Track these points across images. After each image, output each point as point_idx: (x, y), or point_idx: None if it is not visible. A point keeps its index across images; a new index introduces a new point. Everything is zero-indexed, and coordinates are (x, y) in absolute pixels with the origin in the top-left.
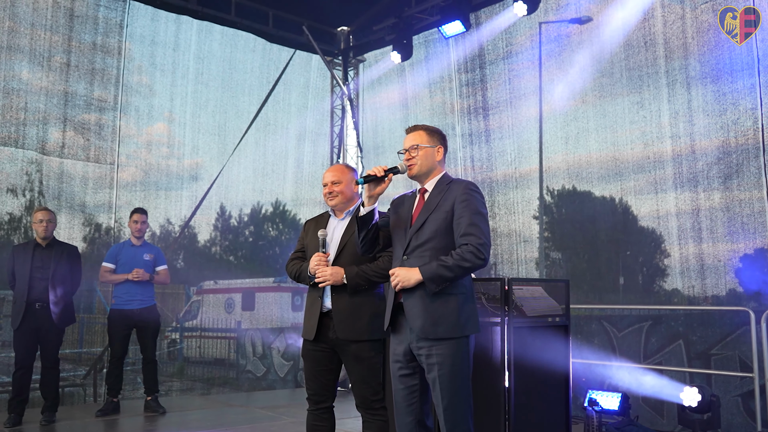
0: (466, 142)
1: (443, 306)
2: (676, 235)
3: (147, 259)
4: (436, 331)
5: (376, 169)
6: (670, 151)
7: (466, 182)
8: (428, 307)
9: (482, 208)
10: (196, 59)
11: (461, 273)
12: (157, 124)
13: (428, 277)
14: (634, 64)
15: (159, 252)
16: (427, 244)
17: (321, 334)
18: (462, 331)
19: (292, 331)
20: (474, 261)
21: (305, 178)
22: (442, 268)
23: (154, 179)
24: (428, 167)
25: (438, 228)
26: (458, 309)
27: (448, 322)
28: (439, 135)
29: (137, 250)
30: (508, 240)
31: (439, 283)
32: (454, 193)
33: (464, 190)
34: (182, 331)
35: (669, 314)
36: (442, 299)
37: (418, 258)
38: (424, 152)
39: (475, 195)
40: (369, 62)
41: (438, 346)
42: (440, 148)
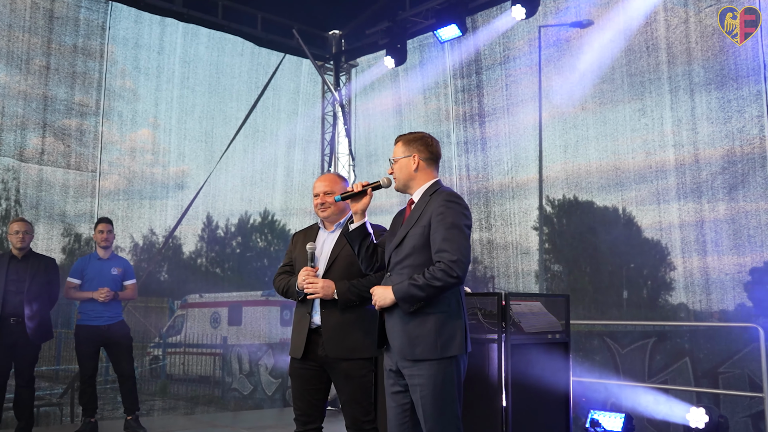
0: (462, 150)
1: (420, 326)
2: (680, 248)
3: (114, 273)
4: (414, 352)
5: (355, 185)
6: (673, 161)
7: (445, 193)
8: (406, 326)
9: (460, 219)
10: (182, 63)
11: (433, 292)
12: (141, 130)
13: (400, 297)
14: (636, 70)
15: (127, 265)
16: (406, 260)
17: (309, 351)
18: (442, 353)
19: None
20: (445, 280)
21: (295, 187)
22: (413, 288)
23: (137, 188)
24: (405, 179)
25: (416, 244)
26: (437, 329)
27: (426, 343)
28: (417, 142)
29: (104, 264)
30: (504, 252)
31: (411, 302)
32: (432, 206)
33: (441, 202)
34: (165, 347)
35: (674, 330)
36: (419, 319)
37: (398, 275)
38: (399, 164)
39: (452, 206)
40: (361, 67)
41: (418, 368)
42: (416, 156)
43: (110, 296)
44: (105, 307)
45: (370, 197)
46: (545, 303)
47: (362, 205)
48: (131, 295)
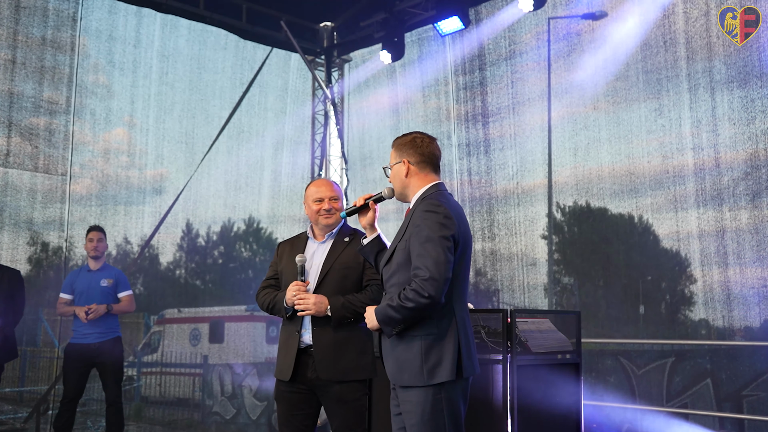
0: (463, 152)
1: (406, 350)
2: (699, 260)
3: (104, 285)
4: (402, 378)
5: (358, 199)
6: (691, 165)
7: (426, 201)
8: (395, 350)
9: (435, 231)
10: (160, 57)
11: (408, 314)
12: (115, 129)
13: (380, 320)
14: (653, 66)
15: (120, 275)
16: (393, 278)
17: (298, 373)
18: (429, 379)
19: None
20: (417, 300)
21: (283, 193)
22: (389, 309)
23: (111, 192)
24: (399, 187)
25: (401, 260)
26: (422, 354)
27: (412, 369)
28: (406, 145)
29: (93, 276)
30: (509, 264)
31: (392, 325)
32: (413, 217)
33: (419, 212)
34: (140, 367)
35: (695, 349)
36: (405, 342)
37: (389, 294)
38: (392, 172)
39: (430, 217)
40: (355, 62)
41: (406, 394)
42: (405, 161)
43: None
44: (95, 323)
45: (374, 211)
46: (554, 320)
47: (368, 219)
48: (127, 308)
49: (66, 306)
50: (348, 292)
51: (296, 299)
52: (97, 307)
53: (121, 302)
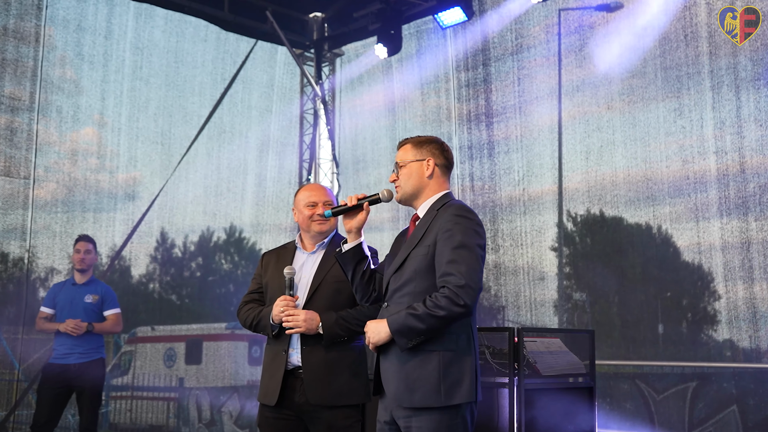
0: (465, 156)
1: (421, 366)
2: (722, 274)
3: (89, 301)
4: (412, 399)
5: (348, 198)
6: (714, 170)
7: (455, 206)
8: (404, 367)
9: (470, 238)
10: (134, 50)
11: (435, 324)
12: (84, 129)
13: (396, 330)
14: (672, 63)
15: (108, 292)
16: (406, 287)
17: (285, 397)
18: (447, 400)
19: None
20: (450, 309)
21: (268, 199)
22: (411, 318)
23: (79, 198)
24: (414, 187)
25: (418, 267)
26: (440, 370)
27: (427, 388)
28: (431, 144)
29: (77, 291)
30: (514, 279)
31: (410, 336)
32: (439, 222)
33: (449, 217)
34: (109, 391)
35: (719, 372)
36: (420, 358)
37: (397, 305)
38: (408, 169)
39: (463, 222)
40: (348, 56)
41: (417, 418)
42: (430, 160)
43: (81, 328)
44: (77, 342)
45: (366, 213)
46: (565, 339)
47: (357, 222)
48: (112, 328)
49: (46, 322)
50: (341, 308)
51: (284, 315)
52: (79, 323)
53: (107, 321)
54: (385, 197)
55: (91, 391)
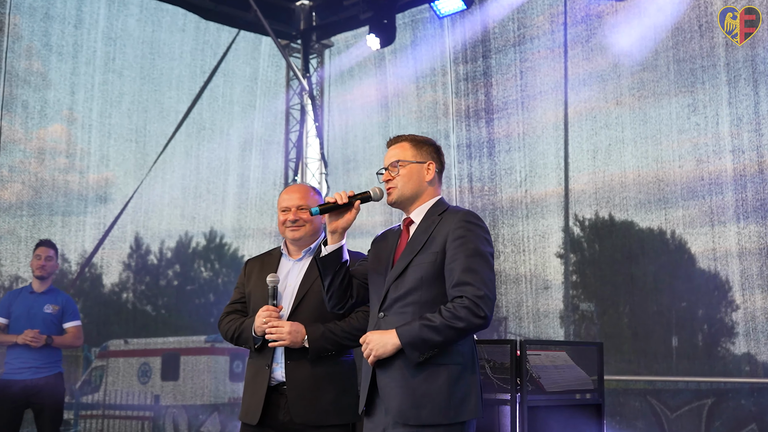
0: (463, 155)
1: (429, 381)
2: (739, 283)
3: (48, 312)
4: (419, 416)
5: (337, 195)
6: (730, 170)
7: (463, 212)
8: (409, 382)
9: (484, 246)
10: (106, 40)
11: (453, 336)
12: (52, 125)
13: (408, 342)
14: (686, 55)
15: (69, 302)
16: (409, 296)
17: (268, 416)
18: (455, 416)
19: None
20: (470, 320)
21: (251, 201)
22: (427, 330)
23: (46, 200)
24: (413, 190)
25: (424, 275)
26: (450, 386)
27: (435, 404)
28: (430, 147)
29: (36, 300)
30: (516, 287)
31: (423, 350)
32: (446, 228)
33: (459, 222)
34: (78, 409)
35: (737, 388)
36: (428, 372)
37: (398, 315)
38: (407, 170)
39: (475, 229)
40: (338, 48)
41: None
42: (431, 164)
43: (39, 341)
44: (34, 356)
45: (356, 212)
46: (572, 353)
47: (345, 222)
48: (71, 341)
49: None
50: (328, 319)
51: (268, 327)
52: (38, 335)
53: (67, 334)
54: (377, 195)
55: (51, 409)
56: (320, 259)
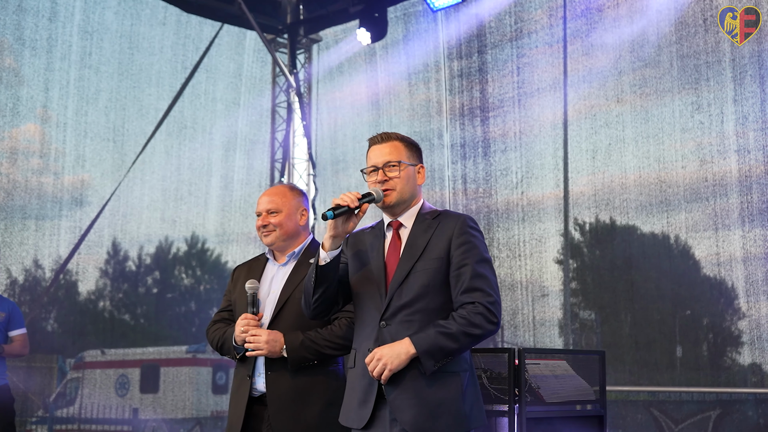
0: (457, 155)
1: (443, 390)
2: (743, 289)
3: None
4: (435, 427)
5: (347, 197)
6: (735, 171)
7: (465, 217)
8: (422, 392)
9: (487, 252)
10: (82, 34)
11: (468, 344)
12: (25, 125)
13: (425, 351)
14: (690, 51)
15: (14, 309)
16: (416, 304)
17: (250, 427)
18: (468, 424)
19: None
20: (485, 327)
21: (235, 204)
22: (443, 338)
23: (19, 203)
24: (410, 193)
25: (430, 282)
26: (461, 393)
27: (451, 413)
28: (418, 149)
29: None
30: (511, 294)
31: (438, 358)
32: (446, 233)
33: (463, 228)
34: (52, 423)
35: (744, 400)
36: (442, 381)
37: (404, 324)
38: (406, 173)
39: (478, 236)
40: (326, 43)
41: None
42: (422, 167)
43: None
44: None
45: (362, 215)
46: (573, 362)
47: (352, 226)
48: (20, 350)
49: None
50: (311, 326)
51: (247, 336)
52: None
53: (14, 342)
54: (378, 197)
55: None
56: (321, 269)
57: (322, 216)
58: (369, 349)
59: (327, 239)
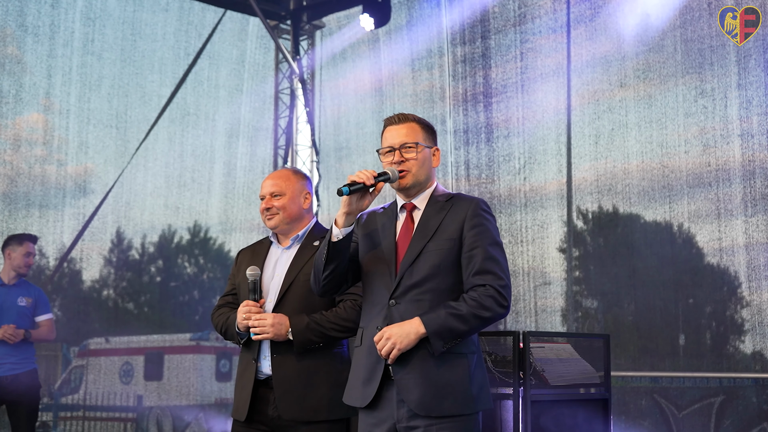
0: (460, 141)
1: (450, 371)
2: (746, 276)
3: (22, 305)
4: (442, 407)
5: (364, 174)
6: (738, 157)
7: (478, 200)
8: (429, 373)
9: (498, 236)
10: (84, 20)
11: (477, 326)
12: (29, 114)
13: (434, 331)
14: (694, 35)
15: (41, 295)
16: (426, 283)
17: (256, 411)
18: (475, 406)
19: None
20: (495, 310)
21: (238, 191)
22: (453, 319)
23: (22, 191)
24: (425, 176)
25: (441, 262)
26: (469, 375)
27: (458, 394)
28: (434, 131)
29: (9, 293)
30: (513, 281)
31: (448, 339)
32: (459, 215)
33: (477, 211)
34: (57, 410)
35: (748, 386)
36: (450, 362)
37: (413, 303)
38: (423, 155)
39: (490, 218)
40: (329, 29)
41: (438, 427)
42: (437, 150)
43: (18, 336)
44: (8, 351)
45: (377, 194)
46: (577, 346)
47: (367, 204)
48: (46, 335)
49: None
50: (316, 309)
51: (251, 322)
52: (16, 330)
53: (41, 328)
54: (393, 177)
55: (27, 406)
56: (333, 244)
57: (337, 191)
58: (378, 328)
59: (341, 215)
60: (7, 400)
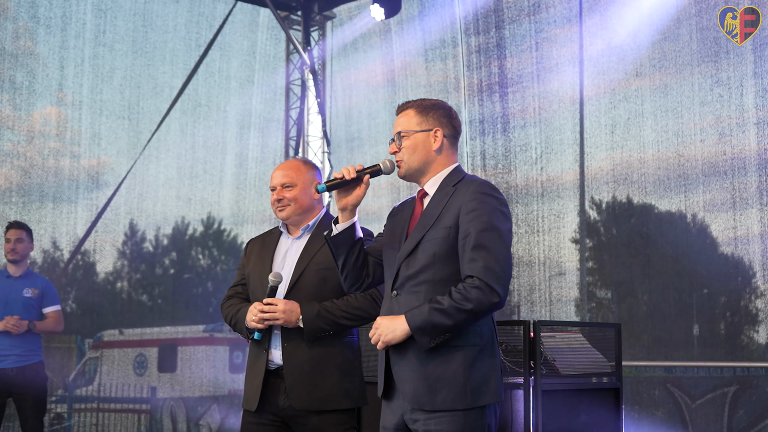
0: (476, 131)
1: (444, 364)
2: (761, 266)
3: (28, 296)
4: (434, 401)
5: (345, 169)
6: (755, 147)
7: (478, 182)
8: (423, 366)
9: (498, 219)
10: (96, 12)
11: (464, 319)
12: (44, 108)
13: (417, 327)
14: (709, 23)
15: (48, 286)
16: (423, 274)
17: (267, 401)
18: (473, 401)
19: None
20: (480, 302)
21: (250, 183)
22: (436, 314)
23: (36, 183)
24: (421, 162)
25: (438, 251)
26: (465, 369)
27: (451, 388)
28: (438, 111)
29: (14, 284)
30: (529, 271)
31: (433, 335)
32: (458, 200)
33: (473, 194)
34: (71, 402)
35: (762, 376)
36: (443, 356)
37: (411, 294)
38: (411, 141)
39: (489, 201)
40: (340, 19)
41: (437, 421)
42: (437, 130)
43: (21, 327)
44: (14, 343)
45: (366, 187)
46: (589, 335)
47: (355, 198)
48: (53, 327)
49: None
50: (327, 298)
51: (264, 315)
52: (19, 321)
53: (47, 319)
54: (387, 168)
55: (34, 399)
56: (331, 239)
57: (315, 189)
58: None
59: (338, 212)
60: (14, 393)
